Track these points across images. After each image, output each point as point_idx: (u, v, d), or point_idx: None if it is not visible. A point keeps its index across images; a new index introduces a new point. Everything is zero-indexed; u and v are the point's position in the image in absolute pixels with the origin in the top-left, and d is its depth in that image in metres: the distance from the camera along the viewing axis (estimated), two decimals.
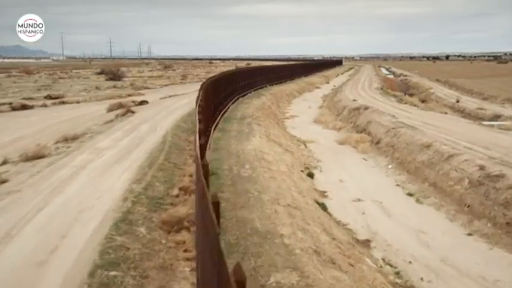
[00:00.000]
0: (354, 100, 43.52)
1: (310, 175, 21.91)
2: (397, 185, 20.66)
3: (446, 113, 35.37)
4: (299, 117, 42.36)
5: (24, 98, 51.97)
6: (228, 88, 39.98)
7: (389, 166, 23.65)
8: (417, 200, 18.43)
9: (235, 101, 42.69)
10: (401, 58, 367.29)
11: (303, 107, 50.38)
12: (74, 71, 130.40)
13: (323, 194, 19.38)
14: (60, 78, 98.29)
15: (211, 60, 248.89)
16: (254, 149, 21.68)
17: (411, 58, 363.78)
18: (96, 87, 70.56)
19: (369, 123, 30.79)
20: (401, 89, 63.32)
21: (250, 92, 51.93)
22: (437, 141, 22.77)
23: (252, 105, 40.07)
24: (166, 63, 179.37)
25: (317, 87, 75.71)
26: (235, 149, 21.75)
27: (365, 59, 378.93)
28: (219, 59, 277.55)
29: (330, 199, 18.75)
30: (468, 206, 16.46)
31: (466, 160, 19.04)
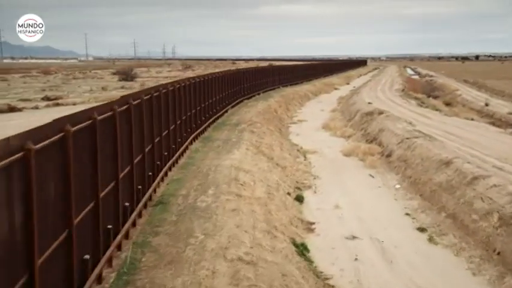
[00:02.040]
0: (369, 103, 39.05)
1: (300, 198, 17.70)
2: (407, 214, 16.34)
3: (472, 119, 30.78)
4: (307, 122, 38.14)
5: (21, 99, 49.02)
6: (228, 90, 35.96)
7: (399, 186, 19.31)
8: (430, 239, 14.11)
9: (237, 104, 38.71)
10: (429, 58, 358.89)
11: (315, 110, 46.13)
12: (93, 71, 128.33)
13: (309, 227, 15.17)
14: (74, 78, 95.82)
15: (234, 60, 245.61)
16: (231, 166, 17.59)
17: (439, 58, 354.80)
18: (103, 88, 67.39)
19: (381, 132, 26.41)
20: (425, 91, 58.34)
21: (258, 94, 47.89)
22: (459, 157, 18.36)
23: (254, 109, 35.99)
24: (188, 64, 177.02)
25: (335, 89, 71.26)
26: (208, 166, 17.73)
27: (391, 59, 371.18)
28: (243, 60, 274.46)
29: (316, 235, 14.55)
30: (498, 253, 12.11)
31: (495, 185, 14.65)
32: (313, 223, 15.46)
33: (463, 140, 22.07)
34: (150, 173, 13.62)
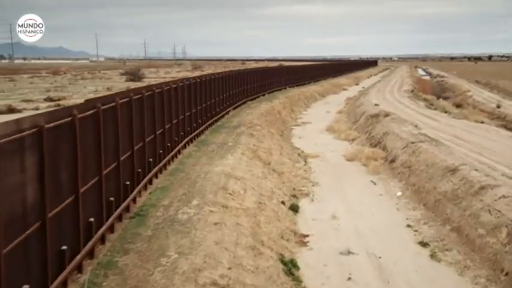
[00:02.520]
0: (376, 105, 37.81)
1: (295, 208, 16.59)
2: (409, 225, 15.19)
3: (482, 122, 29.45)
4: (312, 124, 37.01)
5: (23, 100, 48.42)
6: (230, 91, 34.91)
7: (401, 194, 18.16)
8: (433, 255, 12.96)
9: (240, 106, 37.63)
10: (441, 59, 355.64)
11: (320, 111, 44.98)
12: (102, 71, 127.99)
13: (302, 240, 14.07)
14: (82, 79, 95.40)
15: (244, 61, 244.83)
16: (222, 172, 16.52)
17: (451, 59, 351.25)
18: (108, 89, 66.71)
19: (385, 135, 25.22)
20: (435, 92, 56.96)
21: (263, 95, 46.79)
22: (466, 163, 17.15)
23: (257, 111, 34.92)
24: (198, 64, 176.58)
25: (344, 89, 70.02)
26: (197, 172, 16.69)
27: (403, 59, 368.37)
28: (253, 60, 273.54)
29: (309, 250, 13.44)
30: (506, 274, 10.94)
31: (504, 196, 13.46)
32: (307, 235, 14.37)
33: (471, 145, 20.83)
34: (128, 182, 12.57)
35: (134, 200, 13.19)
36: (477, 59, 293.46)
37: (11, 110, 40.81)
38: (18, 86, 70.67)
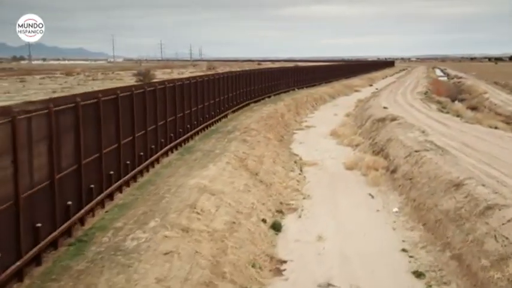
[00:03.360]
0: (385, 108, 35.76)
1: (277, 226, 14.73)
2: (404, 250, 13.23)
3: (496, 127, 27.23)
4: (316, 128, 35.12)
5: (24, 102, 47.23)
6: (230, 92, 33.18)
7: (400, 211, 16.22)
8: None
9: (241, 108, 35.88)
10: (461, 59, 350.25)
11: (328, 114, 43.02)
12: (115, 72, 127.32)
13: (278, 267, 12.20)
14: (94, 79, 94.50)
15: (260, 61, 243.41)
16: (196, 186, 14.77)
17: (471, 59, 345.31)
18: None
19: (389, 142, 23.25)
20: (450, 94, 54.55)
21: (269, 97, 44.98)
22: (473, 177, 15.15)
23: (258, 114, 33.13)
24: (213, 65, 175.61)
25: (356, 91, 67.86)
26: (169, 186, 14.96)
27: (422, 60, 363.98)
28: (269, 61, 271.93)
29: (283, 280, 11.60)
30: None
31: None
32: (285, 262, 12.51)
33: (481, 155, 18.76)
34: (70, 202, 10.82)
35: (82, 222, 11.45)
36: (498, 59, 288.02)
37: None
38: (26, 87, 69.72)
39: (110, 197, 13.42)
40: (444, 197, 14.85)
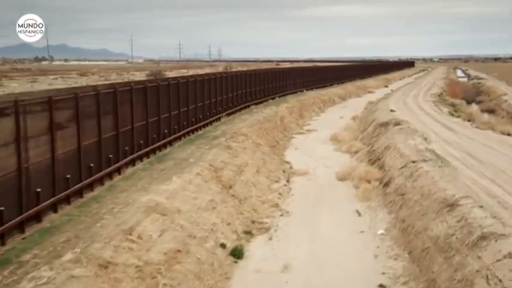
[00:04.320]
0: (392, 111, 33.45)
1: (238, 253, 12.67)
2: (381, 286, 11.03)
3: (509, 134, 24.62)
4: (317, 132, 32.98)
5: None
6: (225, 94, 31.21)
7: (387, 233, 14.04)
8: None
9: (239, 111, 33.87)
10: (484, 60, 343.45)
11: (334, 117, 40.75)
12: (131, 72, 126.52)
13: None
14: (106, 80, 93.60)
15: (279, 62, 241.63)
16: (146, 204, 12.76)
17: (495, 60, 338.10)
18: None
19: (386, 150, 21.01)
20: (467, 95, 51.85)
21: (273, 98, 42.88)
22: (471, 195, 12.91)
23: (254, 117, 31.07)
24: (231, 66, 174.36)
25: (369, 92, 65.37)
26: (116, 203, 13.00)
27: (444, 60, 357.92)
28: (288, 61, 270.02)
29: None
30: None
31: (510, 255, 9.21)
32: None
33: (485, 167, 16.47)
34: None
35: None
36: None
37: None
38: (34, 87, 68.77)
39: (37, 218, 11.48)
40: (435, 219, 12.63)
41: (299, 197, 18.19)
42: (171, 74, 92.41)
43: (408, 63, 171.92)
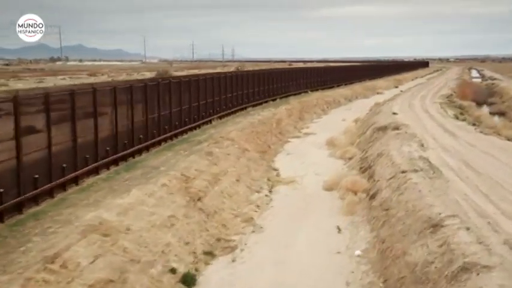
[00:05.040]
0: (394, 113, 31.73)
1: (189, 280, 11.13)
2: None
3: None
4: (315, 136, 31.38)
5: None
6: (217, 96, 29.76)
7: (363, 255, 12.43)
8: None
9: (233, 113, 32.40)
10: (502, 60, 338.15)
11: (336, 119, 39.11)
12: (141, 72, 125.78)
13: None
14: (113, 80, 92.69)
15: (291, 62, 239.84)
16: (88, 223, 11.26)
17: None
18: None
19: (379, 157, 19.36)
20: (479, 97, 49.86)
21: (274, 100, 41.34)
22: (459, 215, 11.29)
23: (248, 120, 29.60)
24: (244, 65, 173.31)
25: (378, 93, 63.43)
26: (57, 221, 11.56)
27: (461, 60, 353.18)
28: (302, 61, 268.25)
29: None
30: None
31: None
32: None
33: (481, 180, 14.77)
34: None
35: None
36: None
37: None
38: (40, 87, 67.74)
39: None
40: (416, 242, 11.02)
41: (279, 209, 16.65)
42: (179, 74, 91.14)
43: (422, 64, 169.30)
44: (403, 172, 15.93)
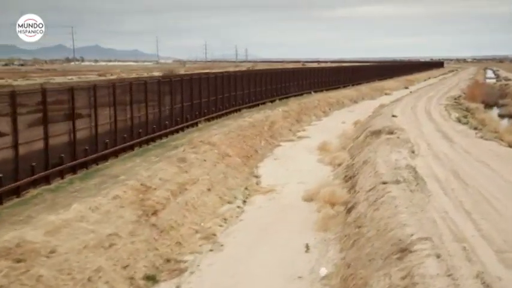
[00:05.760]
0: (394, 116, 30.07)
1: None
2: None
3: None
4: (309, 140, 29.81)
5: None
6: (205, 97, 28.36)
7: (326, 279, 10.87)
8: None
9: (225, 114, 31.02)
10: None
11: (336, 121, 37.48)
12: (149, 73, 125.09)
13: None
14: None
15: (305, 62, 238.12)
16: (5, 246, 9.81)
17: None
18: None
19: (364, 165, 17.75)
20: (489, 98, 47.86)
21: (272, 101, 39.88)
22: (432, 237, 9.70)
23: (238, 123, 28.12)
24: (257, 65, 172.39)
25: (386, 94, 61.59)
26: None
27: (478, 60, 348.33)
28: (316, 61, 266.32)
29: None
30: None
31: None
32: None
33: (466, 194, 13.09)
34: None
35: None
36: None
37: None
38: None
39: None
40: (380, 270, 9.44)
41: (247, 223, 15.13)
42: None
43: (437, 64, 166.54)
44: (383, 183, 14.33)
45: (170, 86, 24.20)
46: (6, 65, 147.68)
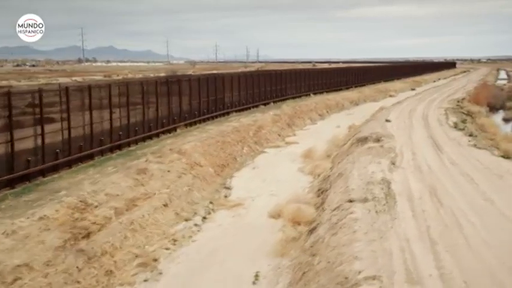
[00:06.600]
0: (387, 121, 28.29)
1: None
2: None
3: (509, 156, 18.85)
4: (296, 146, 28.14)
5: None
6: (194, 100, 26.98)
7: None
8: None
9: (212, 118, 29.56)
10: None
11: (330, 125, 35.73)
12: (156, 74, 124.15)
13: None
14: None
15: (316, 63, 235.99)
16: None
17: None
18: None
19: (338, 178, 16.03)
20: (495, 101, 45.75)
21: (266, 104, 38.28)
22: (381, 276, 8.00)
23: (219, 128, 26.66)
24: (264, 66, 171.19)
25: (390, 96, 59.65)
26: None
27: (493, 61, 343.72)
28: (327, 62, 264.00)
29: None
30: None
31: None
32: None
33: (437, 216, 11.30)
34: None
35: None
36: None
37: None
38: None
39: None
40: None
41: (199, 245, 13.50)
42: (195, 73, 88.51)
43: (449, 64, 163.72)
44: (350, 201, 12.62)
45: (142, 90, 22.66)
46: (18, 65, 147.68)
